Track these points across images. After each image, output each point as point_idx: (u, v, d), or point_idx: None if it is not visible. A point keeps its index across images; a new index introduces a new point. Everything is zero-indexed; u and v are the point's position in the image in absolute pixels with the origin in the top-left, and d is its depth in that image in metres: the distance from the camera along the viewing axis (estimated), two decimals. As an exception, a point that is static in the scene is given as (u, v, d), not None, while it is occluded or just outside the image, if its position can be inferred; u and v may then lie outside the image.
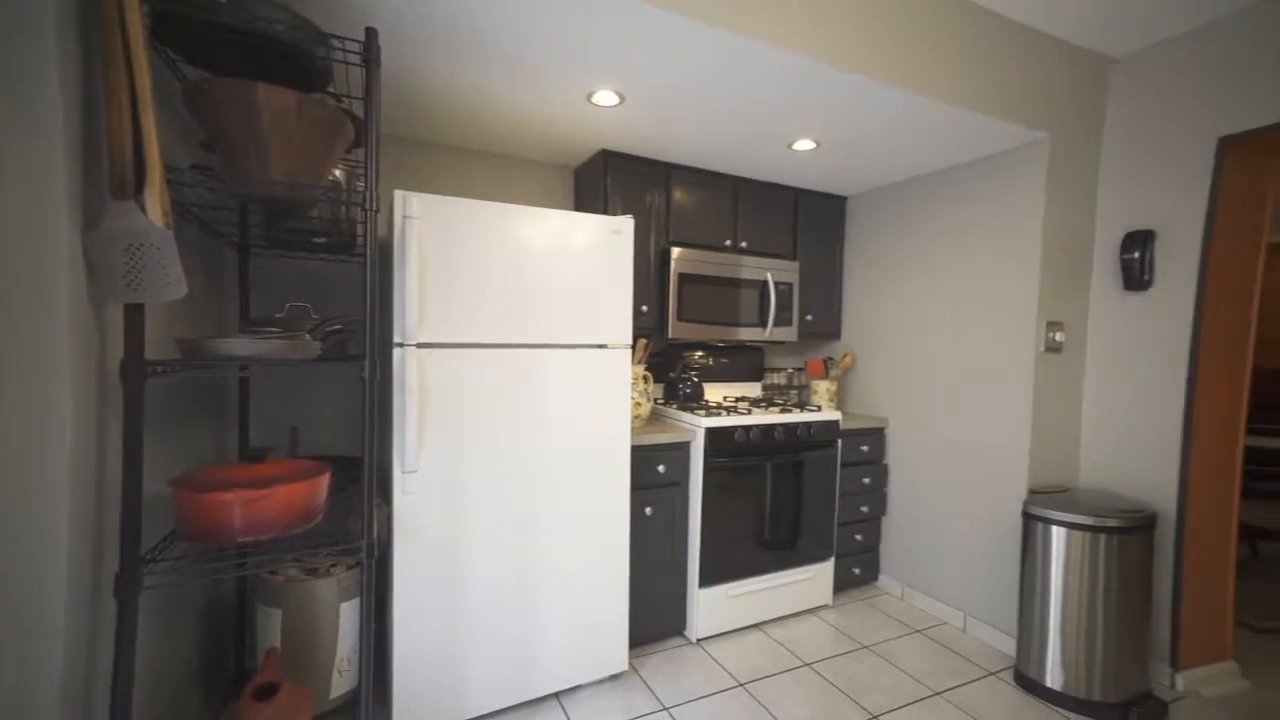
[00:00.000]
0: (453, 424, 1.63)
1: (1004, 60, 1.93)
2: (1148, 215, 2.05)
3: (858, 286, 2.87)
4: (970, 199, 2.33)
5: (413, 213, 1.53)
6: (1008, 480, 2.18)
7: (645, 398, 2.28)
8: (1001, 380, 2.20)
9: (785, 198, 2.73)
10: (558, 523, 1.80)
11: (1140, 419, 2.07)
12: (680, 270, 2.38)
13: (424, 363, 1.59)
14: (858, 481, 2.58)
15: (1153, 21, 1.92)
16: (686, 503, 2.19)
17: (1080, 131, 2.12)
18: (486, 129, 2.19)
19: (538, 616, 1.78)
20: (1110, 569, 1.81)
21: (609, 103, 1.90)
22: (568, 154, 2.45)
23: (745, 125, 2.05)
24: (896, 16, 1.73)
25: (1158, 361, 2.02)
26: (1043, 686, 1.89)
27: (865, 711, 1.82)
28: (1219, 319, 1.95)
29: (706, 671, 2.02)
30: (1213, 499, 2.01)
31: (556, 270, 1.76)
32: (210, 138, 1.14)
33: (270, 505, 1.09)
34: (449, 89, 1.84)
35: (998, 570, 2.22)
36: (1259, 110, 1.79)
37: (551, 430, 1.77)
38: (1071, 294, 2.17)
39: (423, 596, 1.62)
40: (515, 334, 1.71)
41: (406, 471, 1.57)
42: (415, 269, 1.54)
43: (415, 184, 2.32)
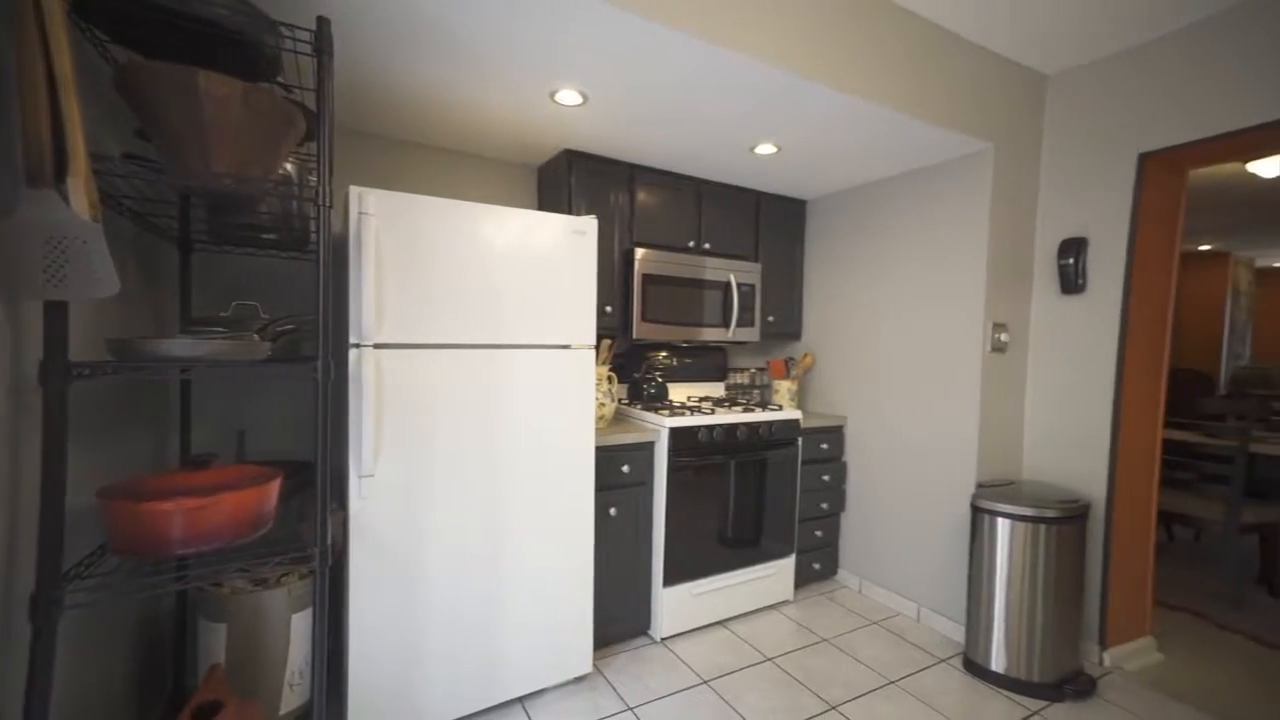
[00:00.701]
0: (412, 426, 1.59)
1: (953, 73, 2.02)
2: (1080, 223, 2.19)
3: (818, 288, 2.95)
4: (922, 205, 2.43)
5: (369, 209, 1.49)
6: (958, 475, 2.28)
7: (610, 398, 2.28)
8: (952, 379, 2.31)
9: (747, 200, 2.78)
10: (521, 525, 1.78)
11: (1075, 414, 2.20)
12: (644, 271, 2.39)
13: (382, 364, 1.55)
14: (818, 479, 2.65)
15: (1081, 43, 2.05)
16: (651, 502, 2.20)
17: (1021, 143, 2.25)
18: (447, 125, 2.14)
19: (501, 621, 1.76)
20: (1048, 557, 1.92)
21: (572, 102, 1.90)
22: (531, 152, 2.42)
23: (708, 128, 2.08)
24: (853, 28, 1.78)
25: (1090, 361, 2.16)
26: (988, 670, 1.99)
27: (824, 702, 1.87)
28: (1142, 321, 2.10)
29: (671, 670, 2.03)
30: (1136, 488, 2.16)
31: (519, 270, 1.74)
32: (147, 126, 1.08)
33: (215, 514, 1.04)
34: (407, 83, 1.80)
35: (948, 562, 2.32)
36: (1173, 128, 1.93)
37: (515, 432, 1.75)
38: (1014, 296, 2.29)
39: (380, 604, 1.57)
40: (477, 334, 1.68)
41: (363, 476, 1.53)
42: (371, 268, 1.49)
43: (374, 180, 2.25)
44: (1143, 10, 1.84)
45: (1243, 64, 1.78)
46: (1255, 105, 1.76)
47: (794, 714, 1.81)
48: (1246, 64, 1.78)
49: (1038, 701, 1.89)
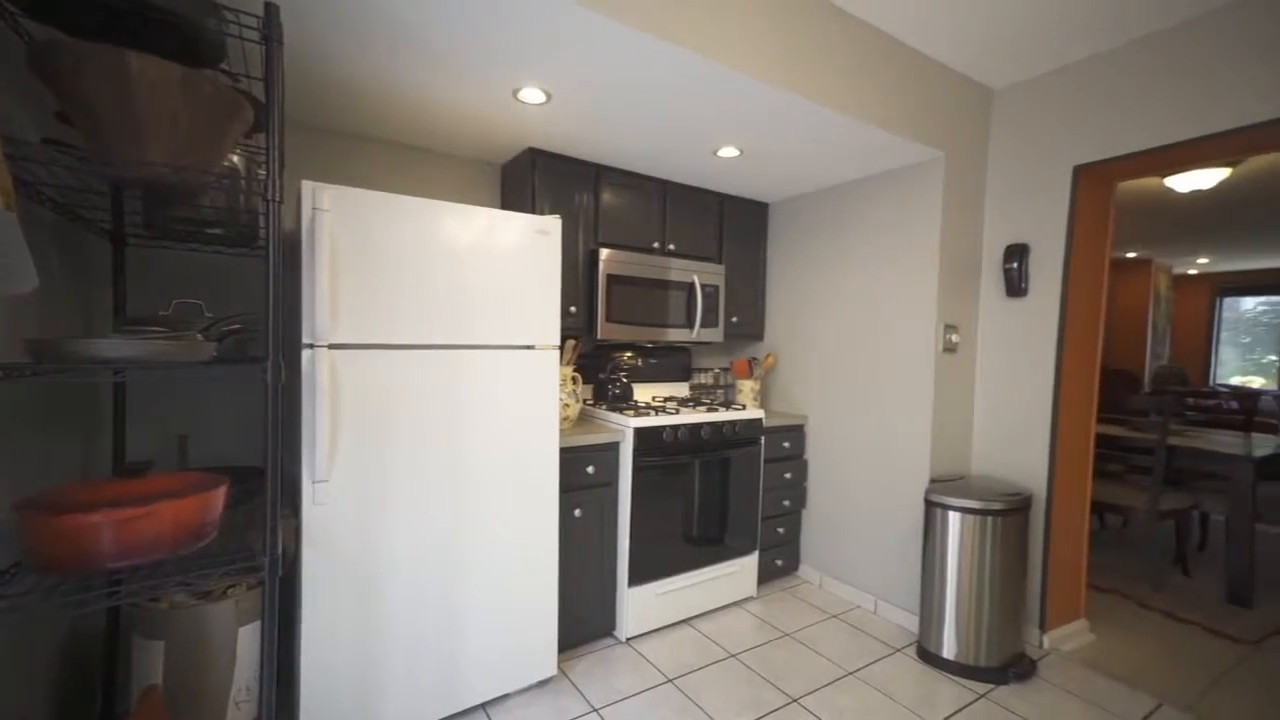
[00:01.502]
0: (370, 429, 1.54)
1: (908, 83, 2.10)
2: (1023, 230, 2.31)
3: (779, 290, 3.01)
4: (879, 209, 2.51)
5: (323, 205, 1.43)
6: (912, 471, 2.37)
7: (574, 399, 2.26)
8: (906, 378, 2.40)
9: (711, 202, 2.82)
10: (484, 528, 1.75)
11: (1019, 411, 2.32)
12: (609, 271, 2.39)
13: (337, 365, 1.49)
14: (780, 477, 2.71)
15: (1021, 60, 2.17)
16: (616, 503, 2.20)
17: (969, 152, 2.36)
18: (407, 120, 2.08)
19: (463, 627, 1.72)
20: (995, 547, 2.02)
21: (536, 100, 1.88)
22: (494, 150, 2.38)
23: (672, 130, 2.09)
24: (813, 36, 1.83)
25: (1032, 360, 2.28)
26: (940, 658, 2.08)
27: (786, 695, 1.91)
28: (1078, 323, 2.23)
29: (636, 670, 2.03)
30: (1073, 480, 2.30)
31: (482, 269, 1.71)
32: (70, 111, 1.00)
33: (151, 525, 0.97)
34: (363, 76, 1.74)
35: (903, 555, 2.41)
36: (1102, 143, 2.07)
37: (477, 433, 1.72)
38: (964, 299, 2.40)
39: (335, 613, 1.51)
40: (438, 335, 1.64)
41: (317, 481, 1.47)
42: (326, 266, 1.44)
43: (330, 175, 2.17)
44: (1076, 31, 1.96)
45: (1162, 86, 1.92)
46: (1173, 125, 1.90)
47: (756, 708, 1.84)
48: (1165, 86, 1.92)
49: (985, 685, 1.99)
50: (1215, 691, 2.00)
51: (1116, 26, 1.93)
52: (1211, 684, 2.04)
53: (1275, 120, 1.69)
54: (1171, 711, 1.88)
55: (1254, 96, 1.73)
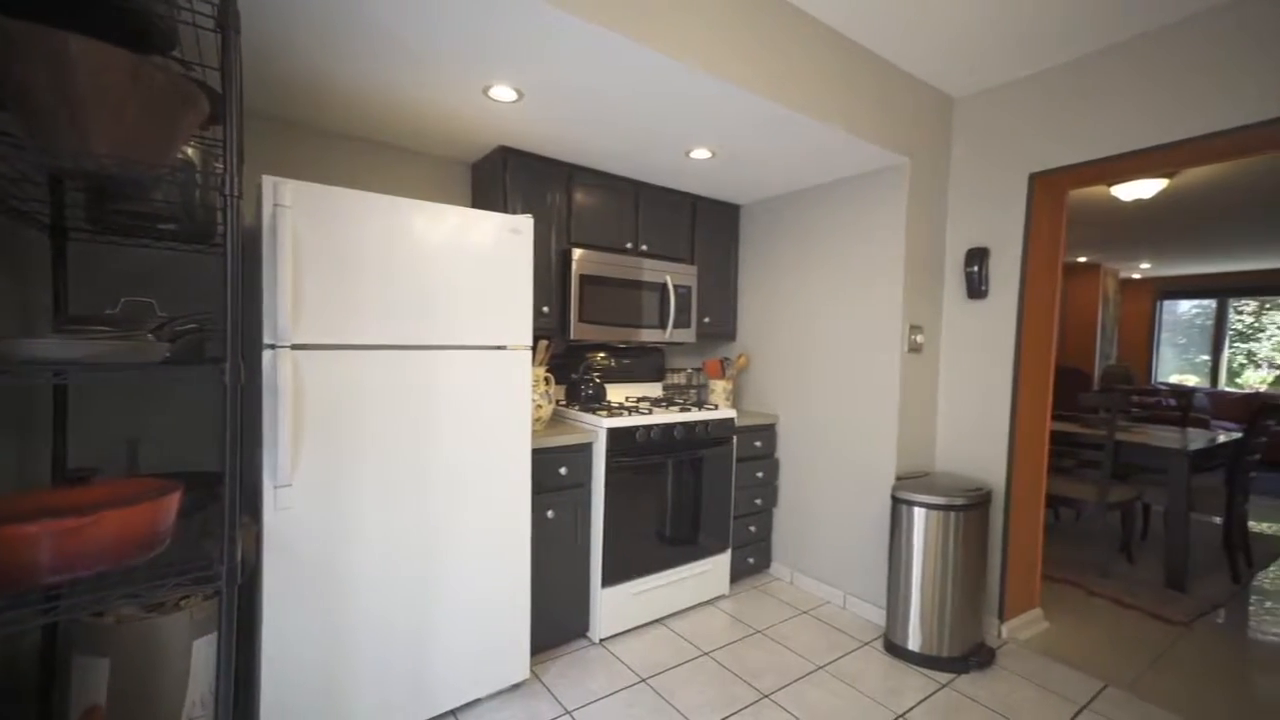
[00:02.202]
0: (335, 431, 1.49)
1: (875, 90, 2.15)
2: (983, 235, 2.40)
3: (751, 291, 3.05)
4: (847, 213, 2.57)
5: (284, 201, 1.38)
6: (879, 469, 2.43)
7: (547, 399, 2.24)
8: (873, 378, 2.46)
9: (684, 203, 2.83)
10: (455, 532, 1.71)
11: (980, 409, 2.41)
12: (582, 271, 2.37)
13: (300, 366, 1.44)
14: (752, 475, 2.74)
15: (981, 70, 2.25)
16: (589, 504, 2.19)
17: (933, 158, 2.43)
18: (374, 116, 2.03)
19: (433, 632, 1.68)
20: (957, 542, 2.09)
21: (507, 98, 1.85)
22: (465, 148, 2.34)
23: (645, 131, 2.10)
24: (784, 41, 1.86)
25: (992, 360, 2.37)
26: (906, 650, 2.14)
27: (758, 692, 1.94)
28: (1034, 324, 2.33)
29: (610, 671, 2.03)
30: (1030, 475, 2.39)
31: (453, 269, 1.68)
32: (2, 95, 0.94)
33: (95, 535, 0.92)
34: (328, 69, 1.68)
35: (871, 551, 2.47)
36: (1056, 152, 2.16)
37: (447, 435, 1.69)
38: (928, 300, 2.47)
39: (298, 622, 1.46)
40: (407, 335, 1.61)
41: (279, 486, 1.41)
42: (289, 264, 1.39)
43: (295, 171, 2.10)
44: (1031, 45, 2.04)
45: (1108, 100, 2.02)
46: (1118, 137, 2.00)
47: (728, 705, 1.86)
48: (1111, 100, 2.02)
49: (947, 675, 2.06)
50: (1153, 671, 2.12)
51: (1069, 42, 2.02)
52: (1150, 664, 2.17)
53: (1207, 135, 1.80)
54: (1115, 692, 1.98)
55: (1193, 112, 1.84)
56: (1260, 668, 2.19)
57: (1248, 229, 4.74)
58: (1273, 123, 1.69)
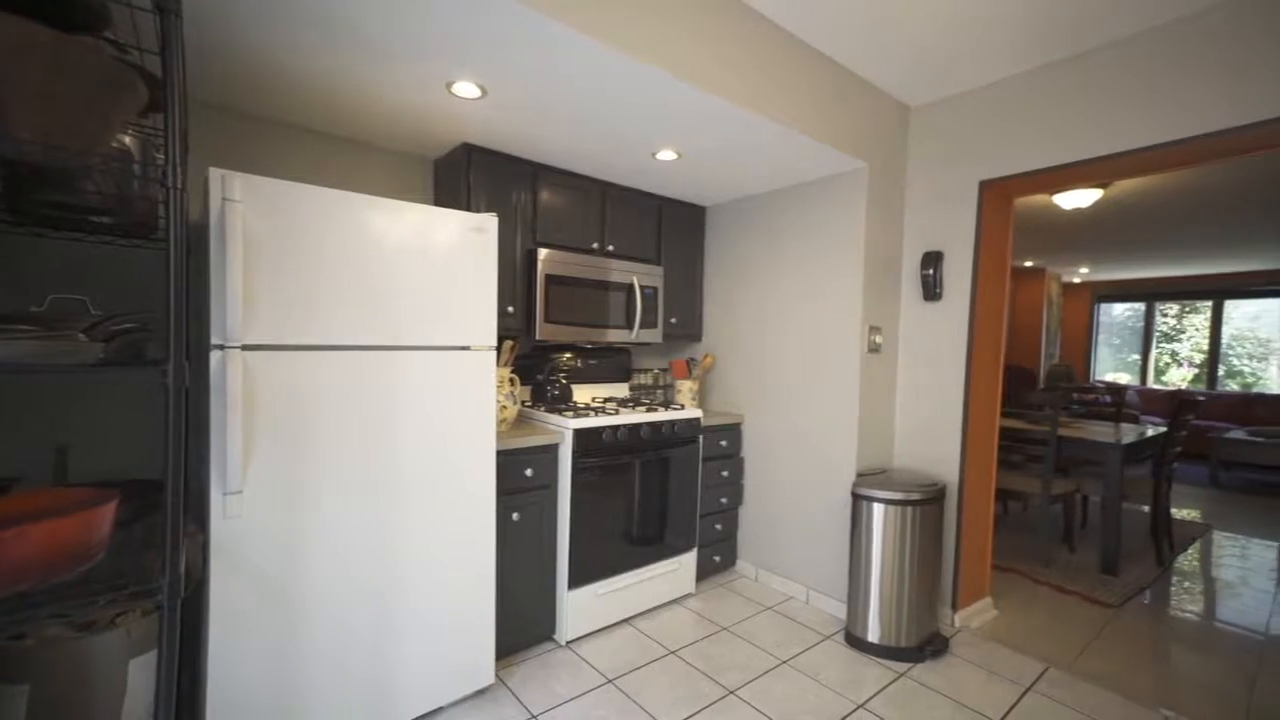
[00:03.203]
0: (289, 435, 1.44)
1: (836, 97, 2.21)
2: (938, 239, 2.50)
3: (717, 291, 3.09)
4: (809, 216, 2.63)
5: (234, 195, 1.32)
6: (840, 466, 2.50)
7: (512, 400, 2.22)
8: (834, 377, 2.52)
9: (650, 205, 2.84)
10: (417, 537, 1.67)
11: (935, 407, 2.51)
12: (547, 271, 2.36)
13: (252, 367, 1.38)
14: (717, 475, 2.78)
15: (934, 82, 2.34)
16: (555, 505, 2.18)
17: (890, 164, 2.52)
18: (333, 109, 1.96)
19: (395, 641, 1.64)
20: (914, 535, 2.17)
21: (470, 95, 1.82)
22: (426, 144, 2.29)
23: (611, 132, 2.10)
24: (750, 46, 1.89)
25: (946, 360, 2.47)
26: (866, 642, 2.21)
27: (723, 688, 1.96)
28: (985, 326, 2.44)
29: (576, 673, 2.02)
30: (981, 470, 2.51)
31: (414, 268, 1.64)
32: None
33: (17, 551, 0.86)
34: (281, 58, 1.62)
35: (833, 546, 2.53)
36: (1003, 162, 2.27)
37: (409, 438, 1.65)
38: (886, 302, 2.56)
39: (247, 636, 1.40)
40: (366, 336, 1.56)
41: (229, 493, 1.35)
42: (239, 261, 1.33)
43: (249, 164, 2.01)
44: (982, 58, 2.14)
45: (1051, 112, 2.14)
46: (1060, 148, 2.12)
47: (695, 702, 1.88)
48: (1054, 113, 2.13)
49: (905, 664, 2.14)
50: (1089, 652, 2.26)
51: (1016, 57, 2.12)
52: (1086, 645, 2.31)
53: (1139, 150, 1.93)
54: (1056, 673, 2.10)
55: (1127, 128, 1.96)
56: (1179, 642, 2.38)
57: (1171, 238, 5.09)
58: (1195, 139, 1.82)
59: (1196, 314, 7.48)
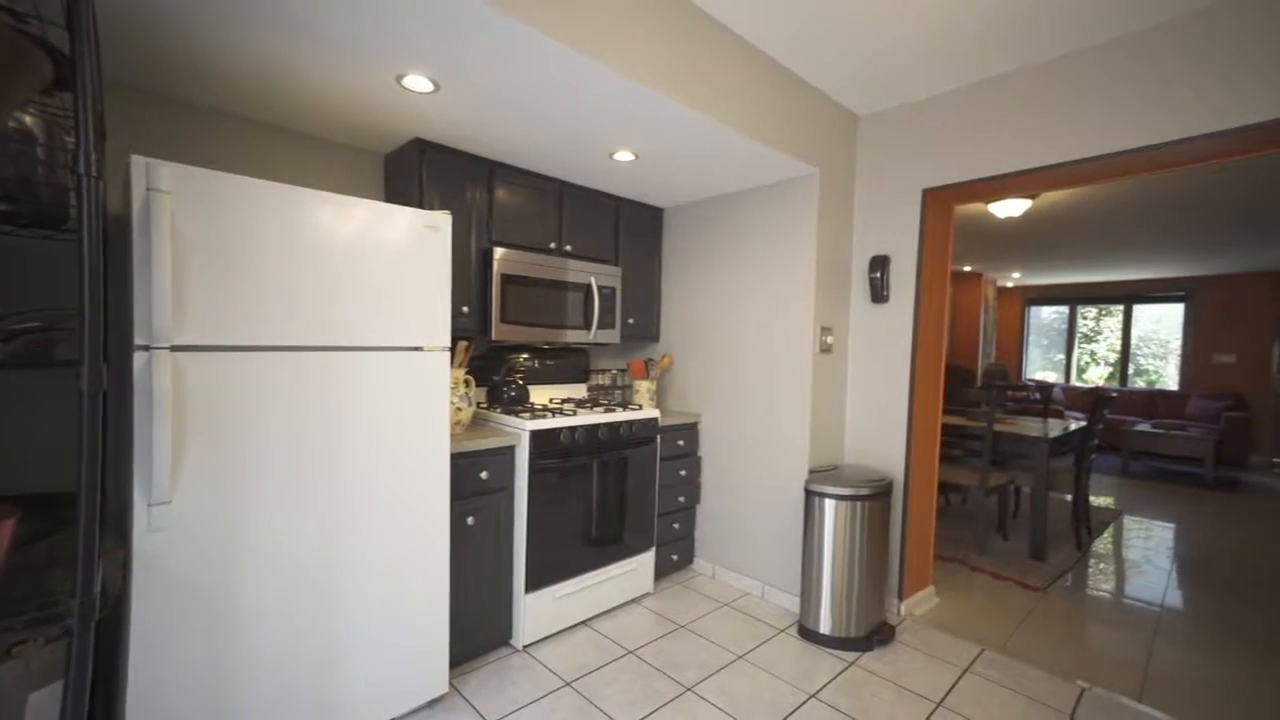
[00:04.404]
0: (225, 440, 1.35)
1: (788, 104, 2.27)
2: (885, 243, 2.60)
3: (674, 293, 3.11)
4: (763, 219, 2.69)
5: (160, 185, 1.23)
6: (793, 463, 2.57)
7: (467, 402, 2.16)
8: (788, 377, 2.59)
9: (608, 205, 2.84)
10: (366, 545, 1.61)
11: (882, 405, 2.61)
12: (503, 271, 2.31)
13: (182, 369, 1.29)
14: (675, 474, 2.80)
15: (880, 92, 2.44)
16: (512, 508, 2.14)
17: (840, 170, 2.60)
18: (272, 98, 1.86)
19: (342, 654, 1.57)
20: (863, 529, 2.25)
21: (422, 89, 1.76)
22: (376, 138, 2.20)
23: (568, 131, 2.08)
24: (705, 51, 1.91)
25: (893, 360, 2.58)
26: (818, 633, 2.28)
27: (680, 685, 1.98)
28: (928, 327, 2.56)
29: (533, 677, 2.00)
30: (924, 465, 2.63)
31: (364, 266, 1.57)
32: None
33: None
34: (210, 40, 1.52)
35: (787, 542, 2.60)
36: (943, 171, 2.39)
37: (358, 442, 1.58)
38: (837, 304, 2.64)
39: (175, 656, 1.31)
40: (311, 335, 1.49)
41: (155, 504, 1.26)
42: (166, 256, 1.24)
43: (184, 153, 1.88)
44: (925, 71, 2.25)
45: (987, 125, 2.27)
46: (995, 160, 2.24)
47: (653, 701, 1.89)
48: (990, 126, 2.26)
49: (854, 653, 2.22)
50: (1019, 633, 2.42)
51: (957, 71, 2.24)
52: (1016, 627, 2.47)
53: (1064, 163, 2.07)
54: (990, 654, 2.24)
55: (1054, 141, 2.10)
56: (1094, 619, 2.59)
57: (1089, 246, 5.51)
58: (1112, 156, 1.97)
59: (1111, 317, 8.12)
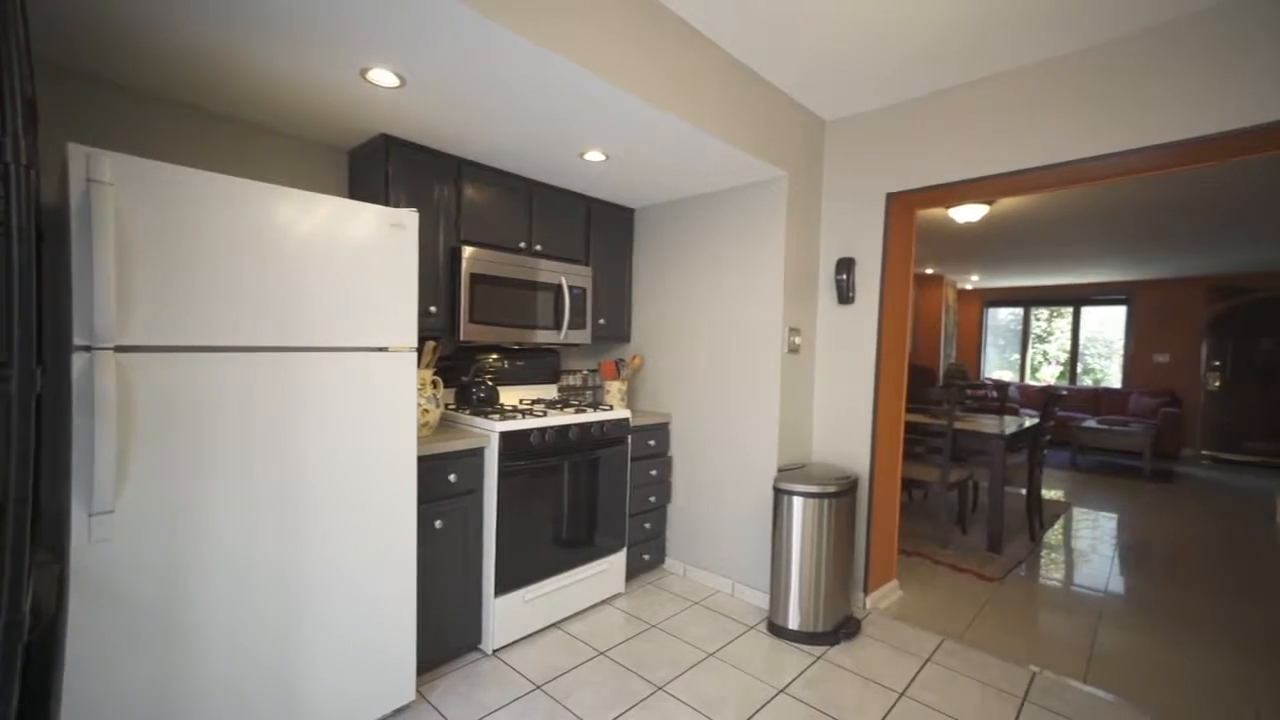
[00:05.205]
0: (176, 446, 1.29)
1: (758, 108, 2.30)
2: (851, 246, 2.67)
3: (645, 293, 3.12)
4: (733, 221, 2.72)
5: (102, 176, 1.16)
6: (762, 462, 2.61)
7: (434, 404, 2.12)
8: (757, 377, 2.63)
9: (579, 205, 2.82)
10: (328, 551, 1.56)
11: (848, 404, 2.68)
12: (472, 270, 2.28)
13: (129, 371, 1.23)
14: (646, 474, 2.81)
15: (846, 99, 2.50)
16: (481, 511, 2.11)
17: (808, 174, 2.66)
18: (230, 88, 1.78)
19: (304, 665, 1.52)
20: (830, 525, 2.30)
21: (388, 84, 1.72)
22: (340, 133, 2.14)
23: (538, 130, 2.06)
24: (676, 54, 1.92)
25: (858, 360, 2.64)
26: (787, 629, 2.32)
27: (652, 685, 1.99)
28: (892, 328, 2.64)
29: (503, 682, 1.97)
30: (888, 462, 2.71)
31: (327, 264, 1.53)
32: None
33: None
34: (157, 21, 1.45)
35: (756, 540, 2.64)
36: (906, 177, 2.47)
37: (320, 445, 1.53)
38: (804, 305, 2.70)
39: (118, 675, 1.25)
40: (270, 335, 1.43)
41: (96, 513, 1.19)
42: (110, 250, 1.17)
43: (136, 145, 1.79)
44: (887, 80, 2.31)
45: (949, 133, 2.35)
46: (954, 167, 2.33)
47: (624, 701, 1.89)
48: (951, 133, 2.34)
49: (822, 647, 2.27)
50: (977, 622, 2.52)
51: (919, 79, 2.31)
52: (975, 617, 2.57)
53: (1017, 172, 2.16)
54: (950, 643, 2.32)
55: (1008, 150, 2.19)
56: (1045, 607, 2.71)
57: (1042, 251, 5.76)
58: (1062, 165, 2.07)
59: (1061, 318, 8.53)
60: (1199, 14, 1.79)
